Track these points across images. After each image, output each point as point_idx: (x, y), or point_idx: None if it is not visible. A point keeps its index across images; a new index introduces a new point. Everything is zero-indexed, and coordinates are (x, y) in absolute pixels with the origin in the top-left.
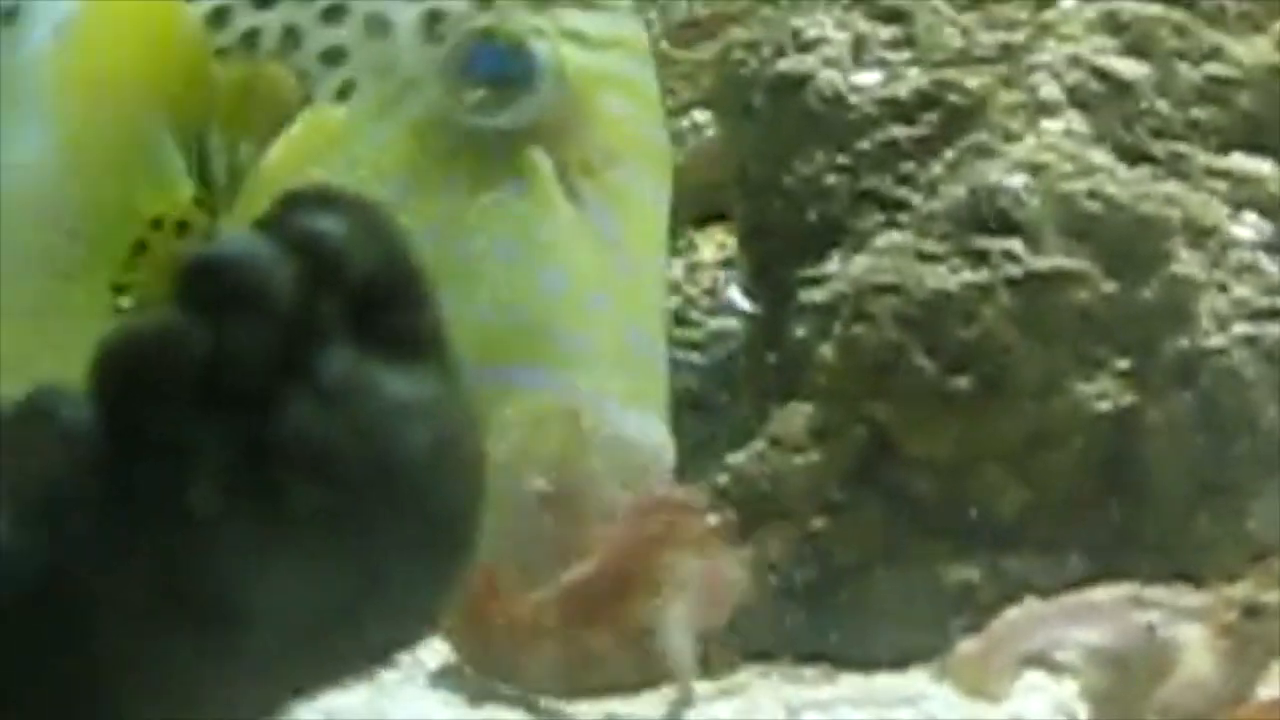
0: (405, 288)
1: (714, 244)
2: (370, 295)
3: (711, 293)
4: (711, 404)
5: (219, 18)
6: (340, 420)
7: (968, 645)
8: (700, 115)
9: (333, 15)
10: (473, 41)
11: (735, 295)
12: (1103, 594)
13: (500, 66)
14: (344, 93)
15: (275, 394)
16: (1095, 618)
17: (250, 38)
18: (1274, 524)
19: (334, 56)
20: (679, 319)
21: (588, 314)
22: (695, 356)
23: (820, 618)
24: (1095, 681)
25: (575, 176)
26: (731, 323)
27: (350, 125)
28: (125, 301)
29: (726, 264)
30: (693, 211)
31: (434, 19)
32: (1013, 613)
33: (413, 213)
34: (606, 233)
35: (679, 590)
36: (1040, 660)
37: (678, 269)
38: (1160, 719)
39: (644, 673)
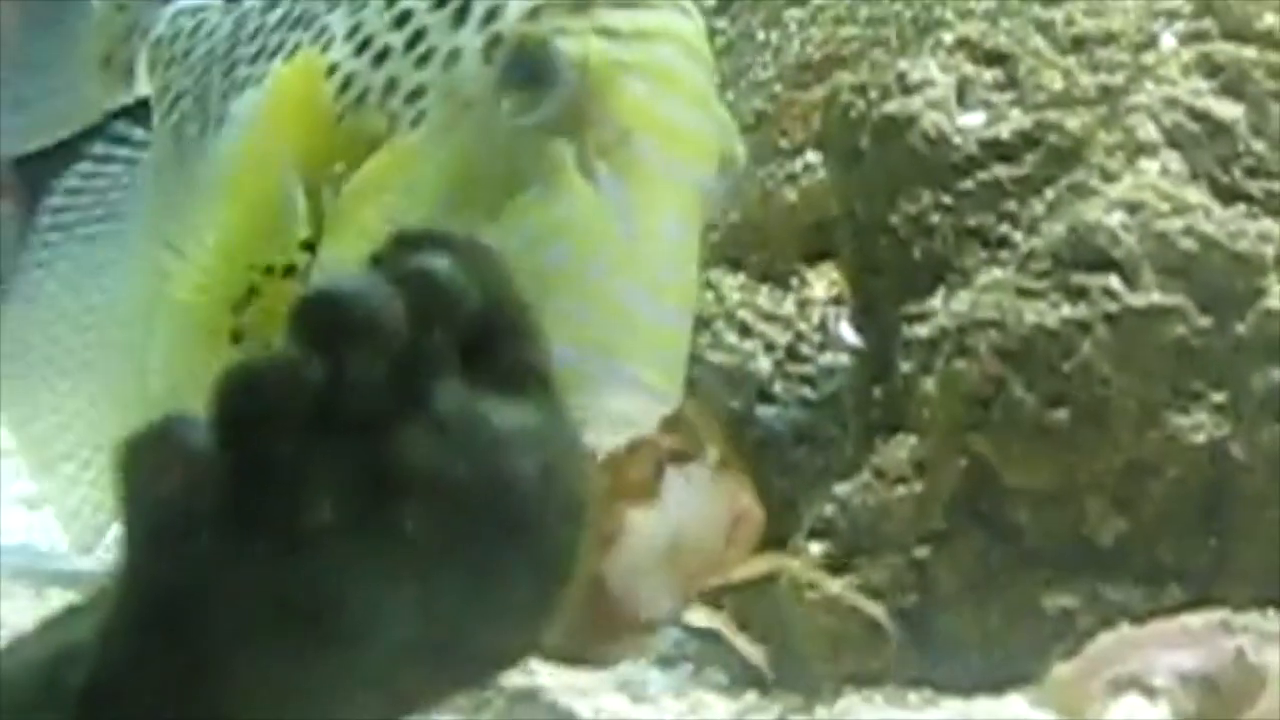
0: (512, 324)
1: (825, 281)
2: (479, 331)
3: (822, 329)
4: (821, 437)
5: (345, 83)
6: (451, 448)
7: (1064, 668)
8: (812, 156)
9: (423, 60)
10: (511, 51)
11: (845, 331)
12: (1194, 620)
13: (530, 69)
14: (417, 122)
15: (388, 423)
16: (1186, 642)
17: (363, 95)
18: None
19: (418, 94)
20: (790, 354)
21: (586, 283)
22: (806, 391)
23: (923, 644)
24: (1186, 704)
25: (591, 157)
26: (842, 358)
27: (414, 149)
28: (241, 348)
29: (836, 301)
30: (804, 249)
31: (493, 42)
32: (1107, 638)
33: (460, 222)
34: (613, 201)
35: (635, 537)
36: (1134, 684)
37: (789, 305)
38: None
39: (606, 629)
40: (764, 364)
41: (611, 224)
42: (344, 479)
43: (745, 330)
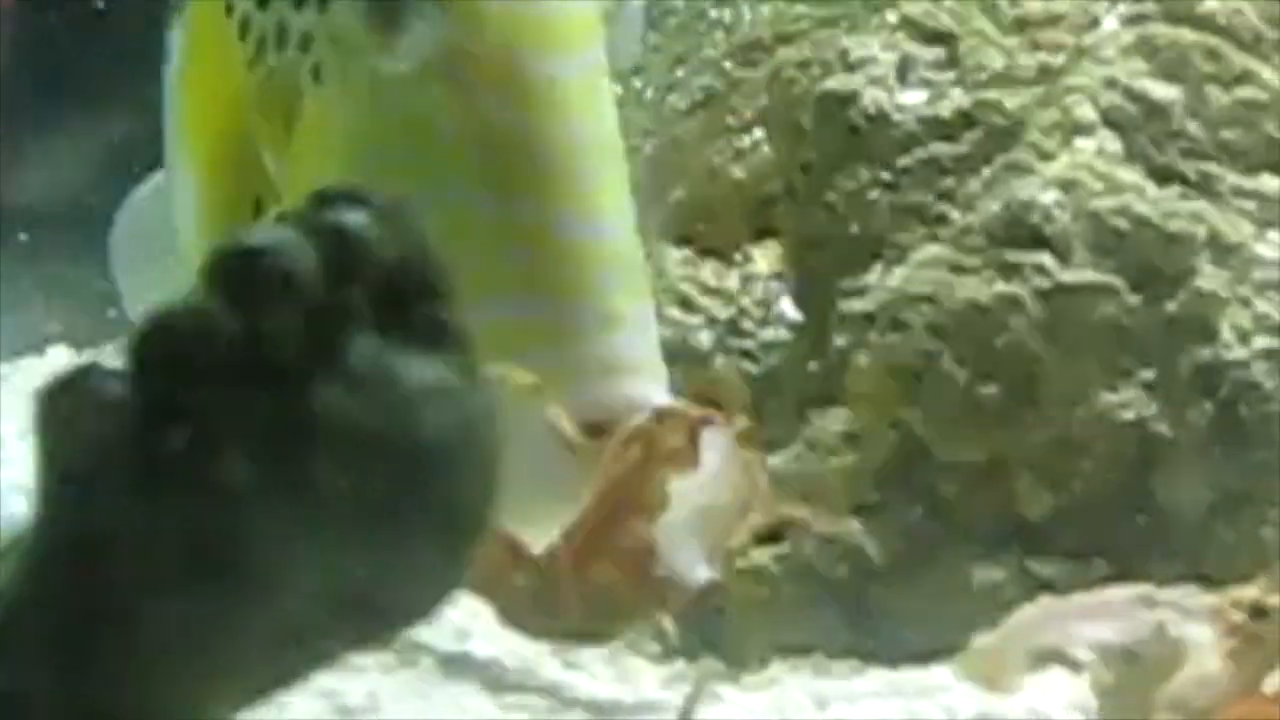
0: (428, 281)
1: (771, 257)
2: (395, 287)
3: (765, 304)
4: (761, 411)
5: (244, 25)
6: (364, 402)
7: (983, 639)
8: (760, 133)
9: (299, 3)
10: None
11: (786, 306)
12: (1116, 593)
13: (388, 8)
14: (318, 75)
15: (302, 376)
16: (1108, 616)
17: (262, 42)
18: None
19: (306, 42)
20: (732, 329)
21: (514, 223)
22: (747, 365)
23: (852, 615)
24: (1105, 677)
25: (474, 89)
26: (783, 333)
27: (328, 108)
28: None
29: (780, 276)
30: (750, 225)
31: None
32: (1028, 610)
33: (387, 183)
34: (512, 127)
35: (673, 504)
36: (1056, 656)
37: (733, 281)
38: (1168, 714)
39: (655, 599)
40: (705, 338)
41: (518, 152)
42: (257, 430)
43: (687, 304)
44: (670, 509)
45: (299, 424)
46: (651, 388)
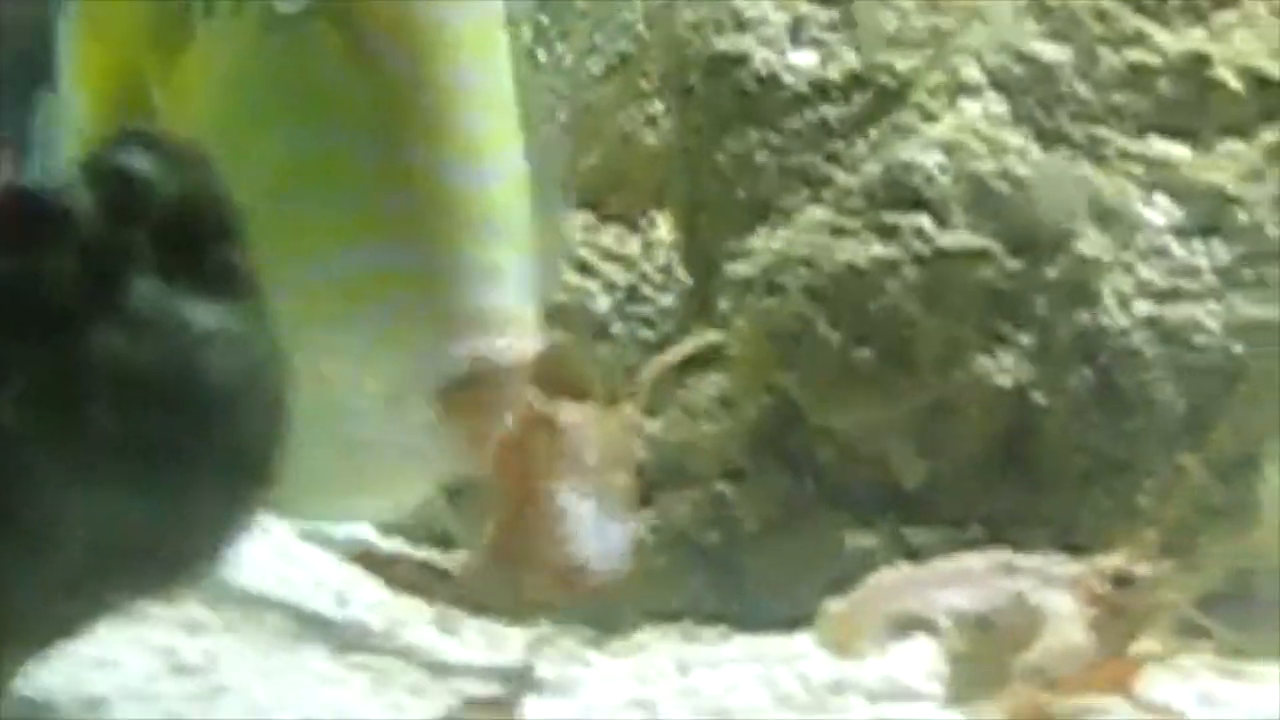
0: (217, 225)
1: (671, 223)
2: (180, 230)
3: (666, 270)
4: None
5: None
6: (144, 346)
7: (835, 605)
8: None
9: None
10: None
11: (682, 271)
12: (976, 560)
13: None
14: (209, 9)
15: (80, 317)
16: (965, 583)
17: None
18: (1164, 499)
19: None
20: (631, 295)
21: (399, 170)
22: (646, 332)
23: (722, 581)
24: (958, 644)
25: (363, 31)
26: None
27: (215, 45)
28: None
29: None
30: (658, 192)
31: None
32: (883, 575)
33: (268, 128)
34: (400, 72)
35: (570, 499)
36: (908, 621)
37: (634, 247)
38: (1026, 683)
39: (569, 589)
40: (603, 304)
41: (403, 97)
42: (33, 374)
43: (587, 270)
44: (569, 504)
45: (75, 367)
46: (523, 341)
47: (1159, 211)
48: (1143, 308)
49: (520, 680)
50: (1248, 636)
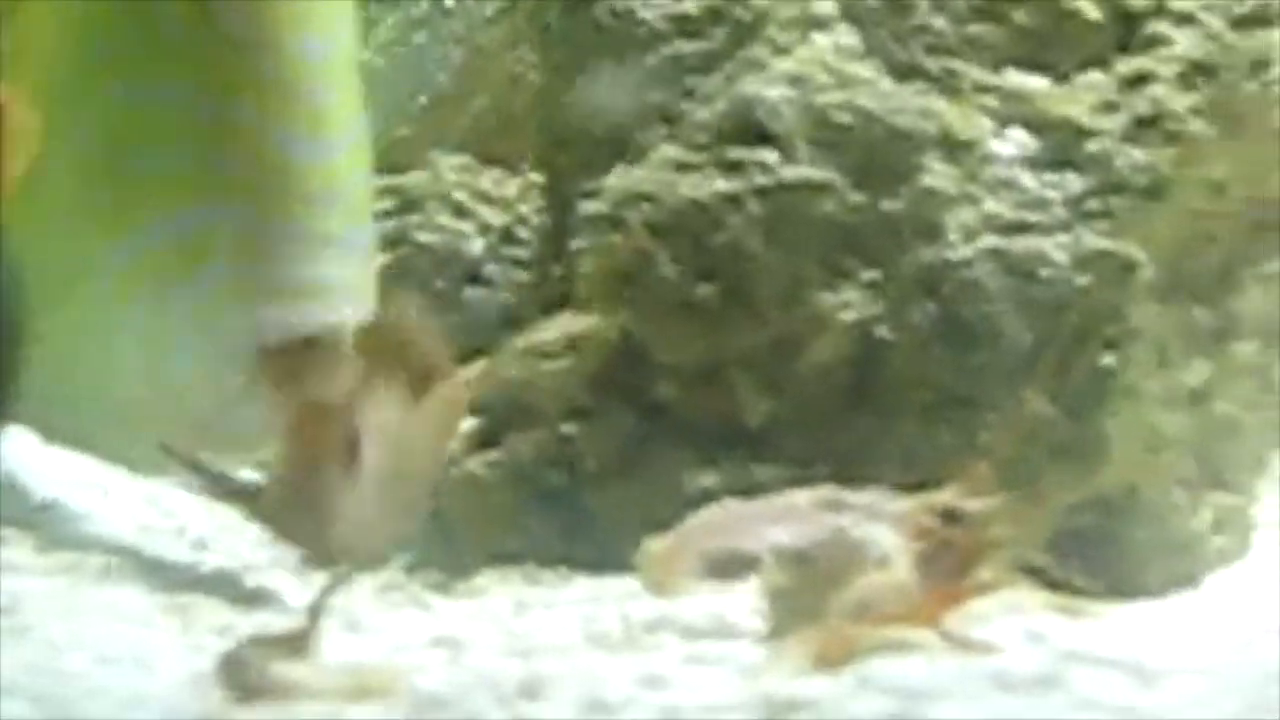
0: None
1: (532, 162)
2: None
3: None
4: (523, 318)
5: None
6: None
7: (656, 544)
8: None
9: None
10: None
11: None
12: (802, 496)
13: None
14: None
15: None
16: (789, 518)
17: None
18: (1007, 434)
19: None
20: (508, 238)
21: (238, 134)
22: (520, 274)
23: (565, 522)
24: (776, 578)
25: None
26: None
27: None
28: None
29: None
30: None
31: None
32: (706, 513)
33: (108, 81)
34: (245, 37)
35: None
36: (727, 558)
37: (512, 189)
38: (846, 618)
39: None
40: (477, 245)
41: (245, 59)
42: None
43: (461, 212)
44: (359, 474)
45: None
46: (350, 310)
47: (1011, 144)
48: (988, 240)
49: (311, 616)
50: (1091, 576)
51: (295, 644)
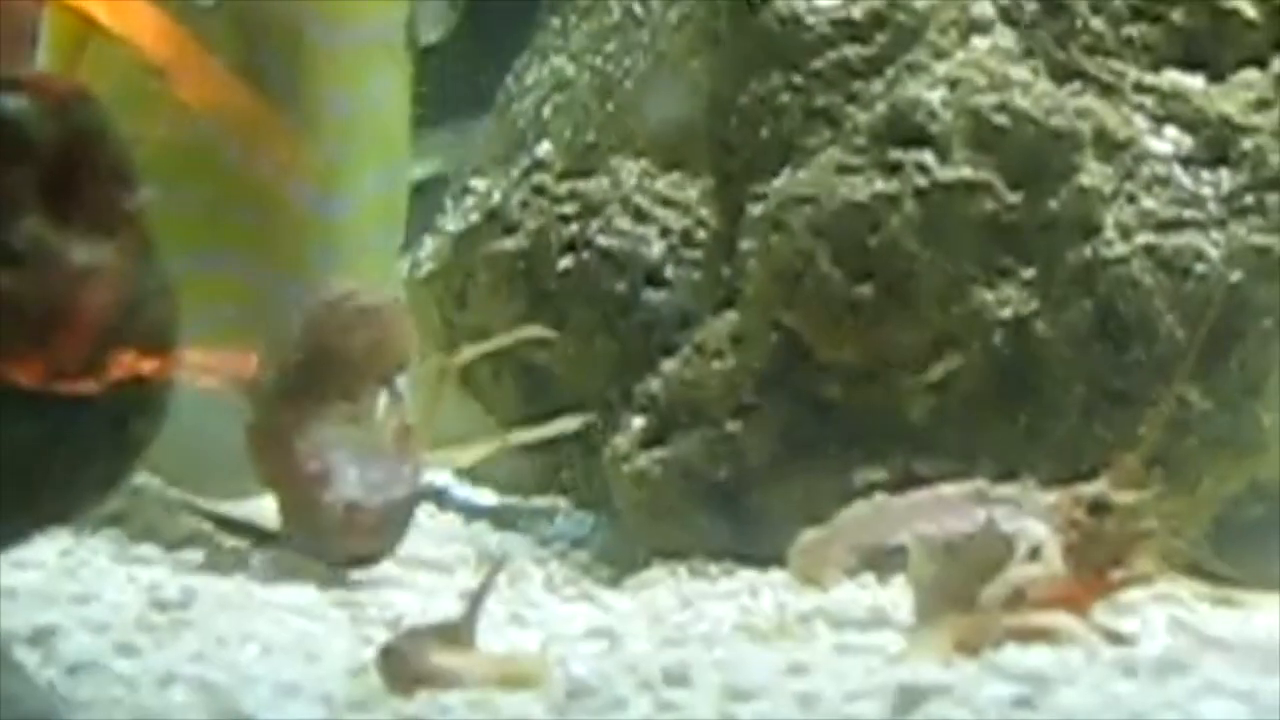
0: (102, 166)
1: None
2: (62, 172)
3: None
4: (698, 319)
5: None
6: (26, 281)
7: (809, 535)
8: None
9: None
10: None
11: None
12: (950, 489)
13: None
14: None
15: None
16: (938, 511)
17: None
18: (1161, 428)
19: None
20: (687, 241)
21: (254, 185)
22: (696, 275)
23: (731, 518)
24: (924, 569)
25: (253, 38)
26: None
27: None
28: None
29: None
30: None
31: None
32: (859, 506)
33: (157, 98)
34: (278, 87)
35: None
36: (875, 551)
37: (692, 193)
38: (996, 609)
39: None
40: (656, 249)
41: (275, 112)
42: None
43: (640, 215)
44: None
45: None
46: None
47: (1167, 141)
48: (1144, 238)
49: (470, 607)
50: (1247, 566)
51: (453, 634)
